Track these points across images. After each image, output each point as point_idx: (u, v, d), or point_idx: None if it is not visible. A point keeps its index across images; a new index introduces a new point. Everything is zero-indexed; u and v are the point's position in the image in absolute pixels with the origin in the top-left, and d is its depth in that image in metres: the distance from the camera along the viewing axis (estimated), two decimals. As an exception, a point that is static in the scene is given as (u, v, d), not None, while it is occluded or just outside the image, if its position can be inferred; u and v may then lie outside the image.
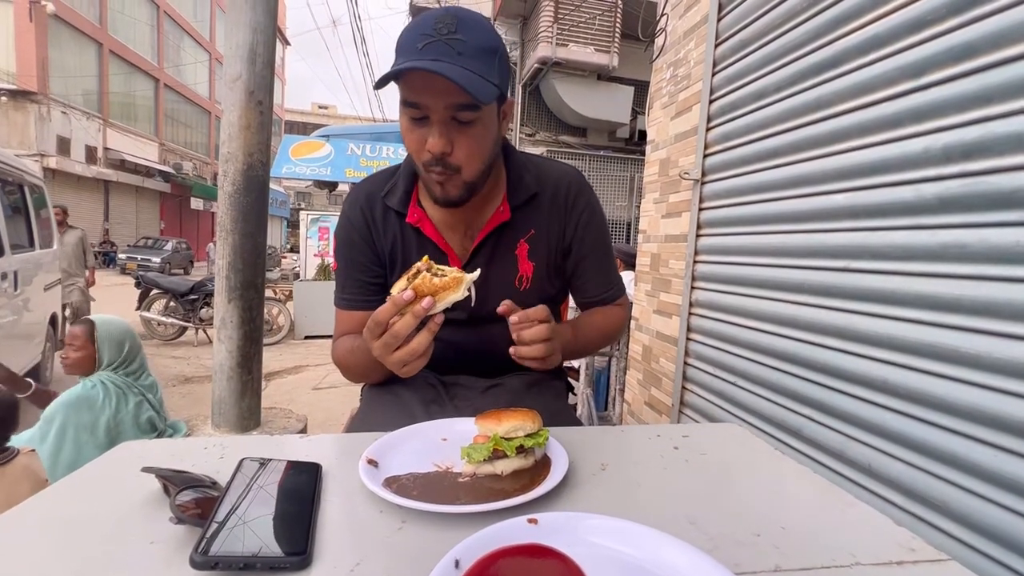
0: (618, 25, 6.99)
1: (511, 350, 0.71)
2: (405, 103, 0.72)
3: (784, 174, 1.49)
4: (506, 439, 0.59)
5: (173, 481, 0.52)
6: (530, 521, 0.46)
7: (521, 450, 0.59)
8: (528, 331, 0.70)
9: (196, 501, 0.49)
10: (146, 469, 0.53)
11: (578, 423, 0.86)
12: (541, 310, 0.72)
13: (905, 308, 1.08)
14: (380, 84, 0.71)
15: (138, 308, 5.77)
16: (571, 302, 1.05)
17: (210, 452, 0.63)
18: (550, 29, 6.81)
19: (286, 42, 31.42)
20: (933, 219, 1.03)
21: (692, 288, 1.96)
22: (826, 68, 1.33)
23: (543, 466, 0.60)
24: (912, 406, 1.07)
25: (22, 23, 13.44)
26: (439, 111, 0.71)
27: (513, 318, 0.71)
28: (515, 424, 0.60)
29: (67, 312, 4.76)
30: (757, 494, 0.58)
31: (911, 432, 1.07)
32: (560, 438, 0.65)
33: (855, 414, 1.20)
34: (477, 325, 0.87)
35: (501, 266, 0.85)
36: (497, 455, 0.58)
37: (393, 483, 0.55)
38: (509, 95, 0.79)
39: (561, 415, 0.84)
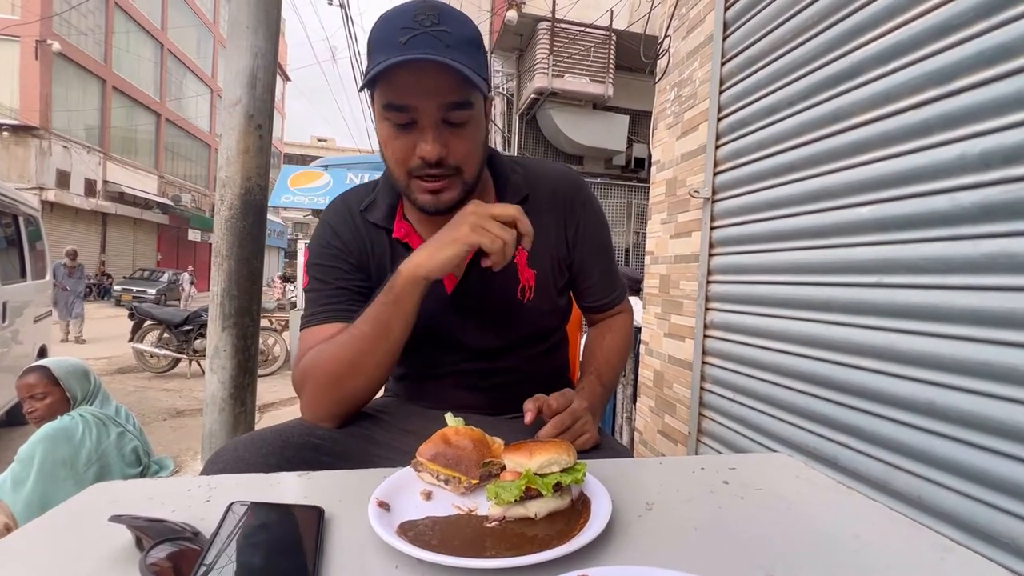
0: (612, 56, 7.14)
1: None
2: (389, 107, 0.66)
3: (802, 188, 1.44)
4: (540, 475, 0.50)
5: (147, 532, 0.44)
6: (582, 579, 0.38)
7: (558, 488, 0.51)
8: (543, 430, 0.67)
9: (172, 557, 0.41)
10: (114, 518, 0.44)
11: (625, 451, 0.76)
12: (555, 400, 0.69)
13: (949, 324, 1.01)
14: (368, 84, 0.65)
15: (131, 340, 5.65)
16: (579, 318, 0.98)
17: (194, 495, 0.54)
18: (546, 61, 6.95)
19: (286, 78, 32.15)
20: (974, 228, 0.97)
21: (707, 309, 1.89)
22: (843, 80, 1.30)
23: (581, 507, 0.52)
24: (965, 431, 0.98)
25: (28, 61, 13.72)
26: (431, 112, 0.65)
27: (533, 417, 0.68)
28: (549, 457, 0.51)
29: None
30: (835, 538, 0.50)
31: (965, 459, 0.98)
32: (594, 472, 0.56)
33: (899, 440, 1.11)
34: (482, 358, 0.81)
35: (501, 278, 0.77)
36: (530, 494, 0.50)
37: (409, 530, 0.47)
38: (490, 94, 0.74)
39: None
